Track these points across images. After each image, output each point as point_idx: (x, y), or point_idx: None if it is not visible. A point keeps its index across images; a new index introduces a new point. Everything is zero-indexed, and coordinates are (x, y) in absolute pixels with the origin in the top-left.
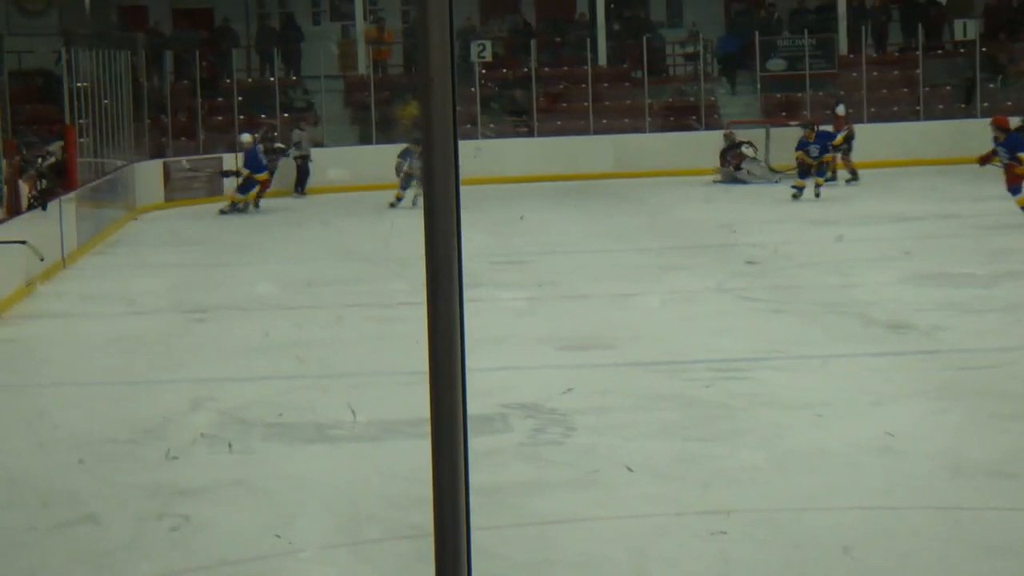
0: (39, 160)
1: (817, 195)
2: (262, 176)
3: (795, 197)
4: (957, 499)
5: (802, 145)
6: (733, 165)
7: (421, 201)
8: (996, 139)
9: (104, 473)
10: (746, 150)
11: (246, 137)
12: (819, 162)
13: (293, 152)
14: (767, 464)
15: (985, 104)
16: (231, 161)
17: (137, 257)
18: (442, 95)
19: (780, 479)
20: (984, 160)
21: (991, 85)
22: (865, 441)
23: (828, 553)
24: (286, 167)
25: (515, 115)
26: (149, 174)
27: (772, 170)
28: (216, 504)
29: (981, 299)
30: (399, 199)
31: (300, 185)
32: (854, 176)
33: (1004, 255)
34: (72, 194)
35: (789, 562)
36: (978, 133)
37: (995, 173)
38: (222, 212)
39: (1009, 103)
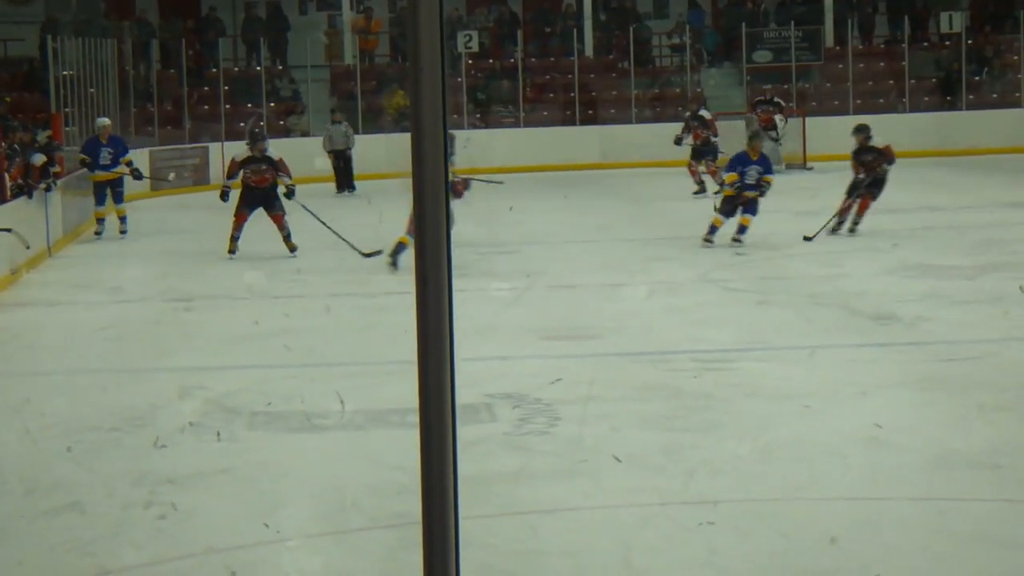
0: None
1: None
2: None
3: (708, 242)
4: (943, 490)
5: (738, 163)
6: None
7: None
8: None
9: (90, 461)
10: (771, 133)
11: (104, 121)
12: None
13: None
14: (753, 455)
15: (971, 97)
16: (217, 152)
17: (123, 245)
18: (431, 85)
19: (766, 470)
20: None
21: (977, 78)
22: (851, 432)
23: (814, 543)
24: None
25: (502, 106)
26: (135, 162)
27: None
28: (203, 492)
29: (966, 290)
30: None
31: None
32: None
33: (988, 247)
34: (58, 182)
35: (775, 552)
36: (964, 125)
37: (985, 164)
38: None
39: (994, 96)
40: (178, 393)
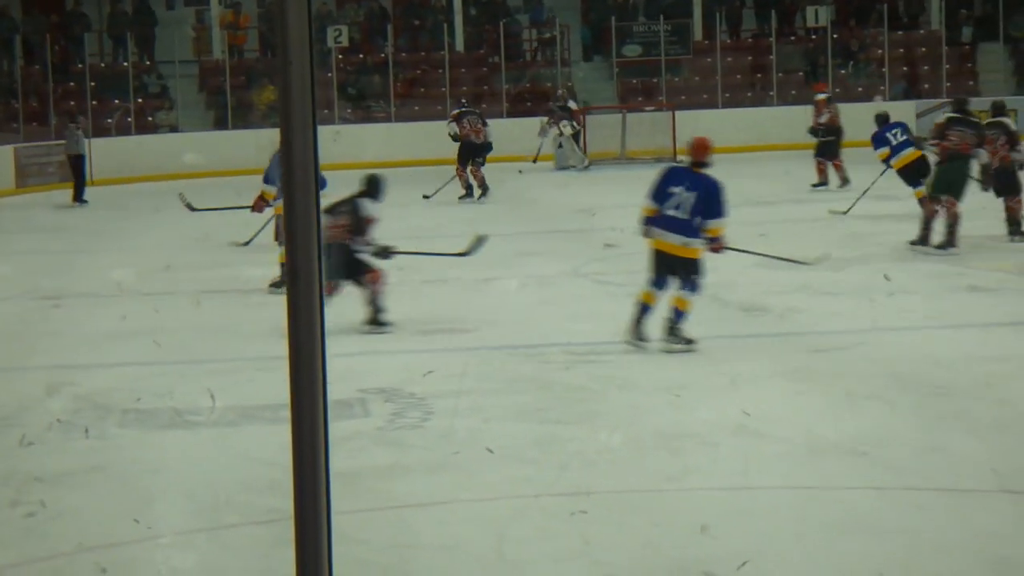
0: None
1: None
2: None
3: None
4: (812, 478)
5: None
6: (555, 124)
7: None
8: None
9: None
10: (564, 127)
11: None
12: None
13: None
14: (625, 446)
15: (837, 90)
16: (83, 148)
17: None
18: (301, 79)
19: (638, 460)
20: None
21: (842, 71)
22: (722, 422)
23: (686, 532)
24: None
25: (372, 100)
26: None
27: (583, 155)
28: (73, 490)
29: (834, 282)
30: None
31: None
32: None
33: (855, 239)
34: None
35: (648, 541)
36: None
37: (851, 157)
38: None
39: (860, 89)
40: (46, 391)
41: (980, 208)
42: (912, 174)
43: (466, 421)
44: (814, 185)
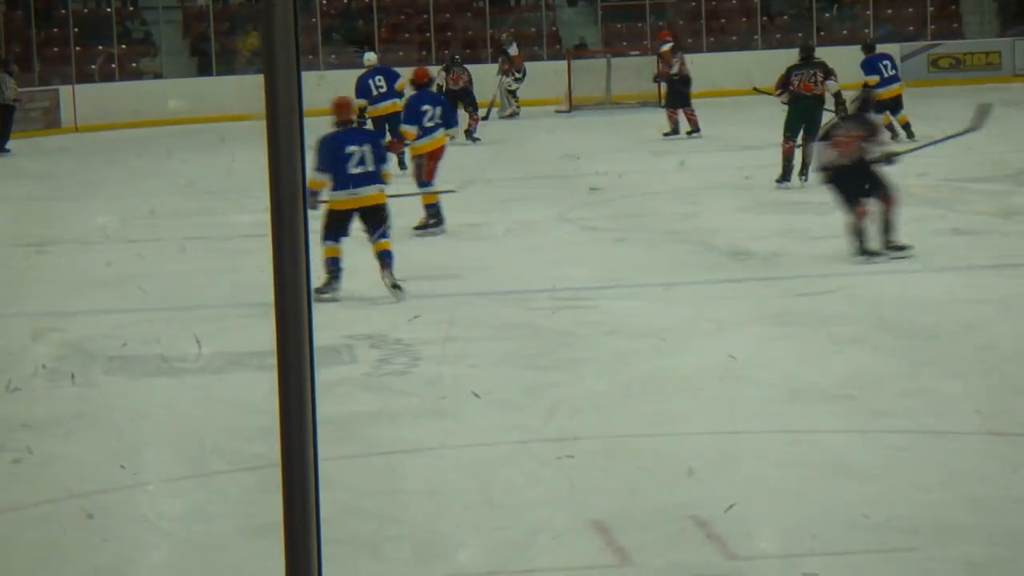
0: None
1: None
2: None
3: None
4: (797, 422)
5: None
6: (504, 72)
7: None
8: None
9: None
10: (510, 84)
11: (371, 56)
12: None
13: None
14: (611, 391)
15: (822, 33)
16: (68, 94)
17: None
18: (284, 24)
19: (624, 405)
20: None
21: (827, 15)
22: (707, 367)
23: (672, 475)
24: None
25: (357, 45)
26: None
27: (511, 106)
28: (59, 437)
29: (819, 226)
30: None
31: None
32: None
33: None
34: None
35: (634, 485)
36: None
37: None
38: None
39: (844, 32)
40: (31, 337)
41: (966, 150)
42: (894, 105)
43: (453, 367)
44: (666, 134)
